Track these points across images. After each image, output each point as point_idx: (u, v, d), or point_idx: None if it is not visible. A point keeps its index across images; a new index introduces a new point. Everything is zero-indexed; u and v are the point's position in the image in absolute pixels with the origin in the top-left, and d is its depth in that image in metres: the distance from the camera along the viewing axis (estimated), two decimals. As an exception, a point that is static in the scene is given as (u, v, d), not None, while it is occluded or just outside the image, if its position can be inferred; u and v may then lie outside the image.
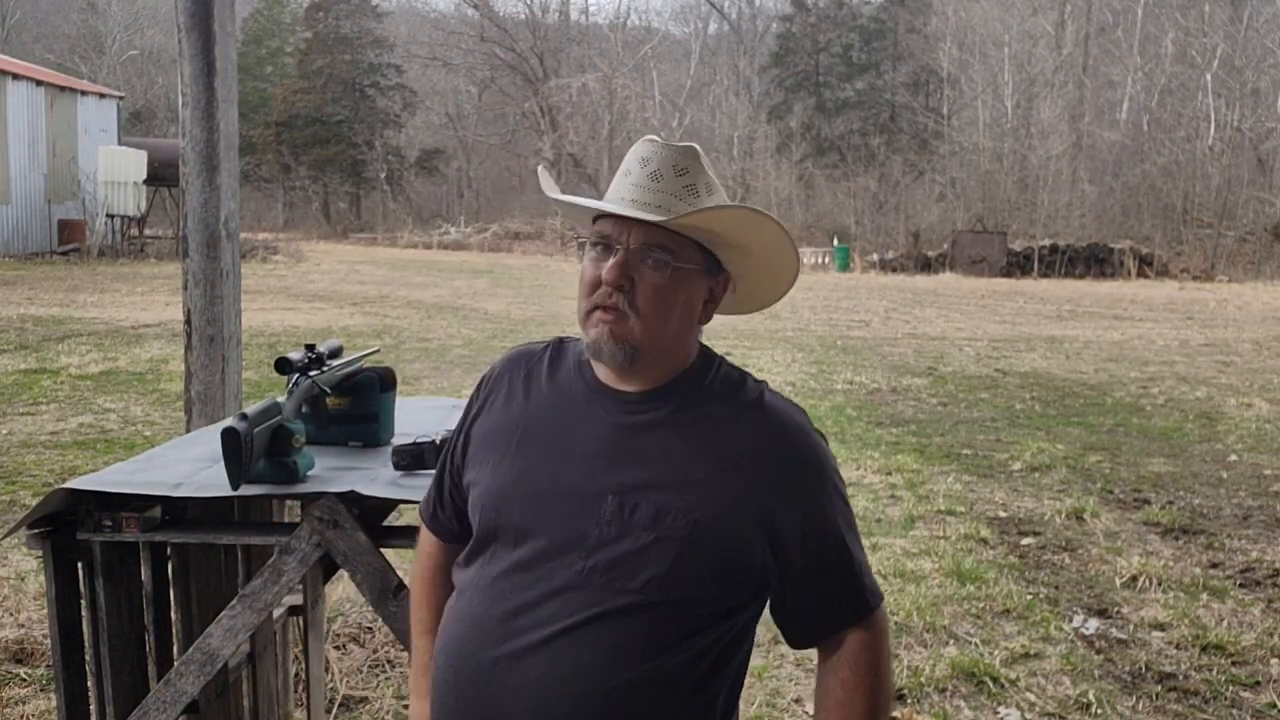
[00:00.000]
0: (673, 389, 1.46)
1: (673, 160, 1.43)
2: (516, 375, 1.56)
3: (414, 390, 8.35)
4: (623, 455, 1.42)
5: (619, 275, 1.39)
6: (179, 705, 1.93)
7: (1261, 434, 7.86)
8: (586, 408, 1.47)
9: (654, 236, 1.39)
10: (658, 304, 1.40)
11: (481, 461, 1.52)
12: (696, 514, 1.37)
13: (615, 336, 1.40)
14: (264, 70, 48.51)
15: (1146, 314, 18.29)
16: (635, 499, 1.39)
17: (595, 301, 1.41)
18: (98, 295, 15.66)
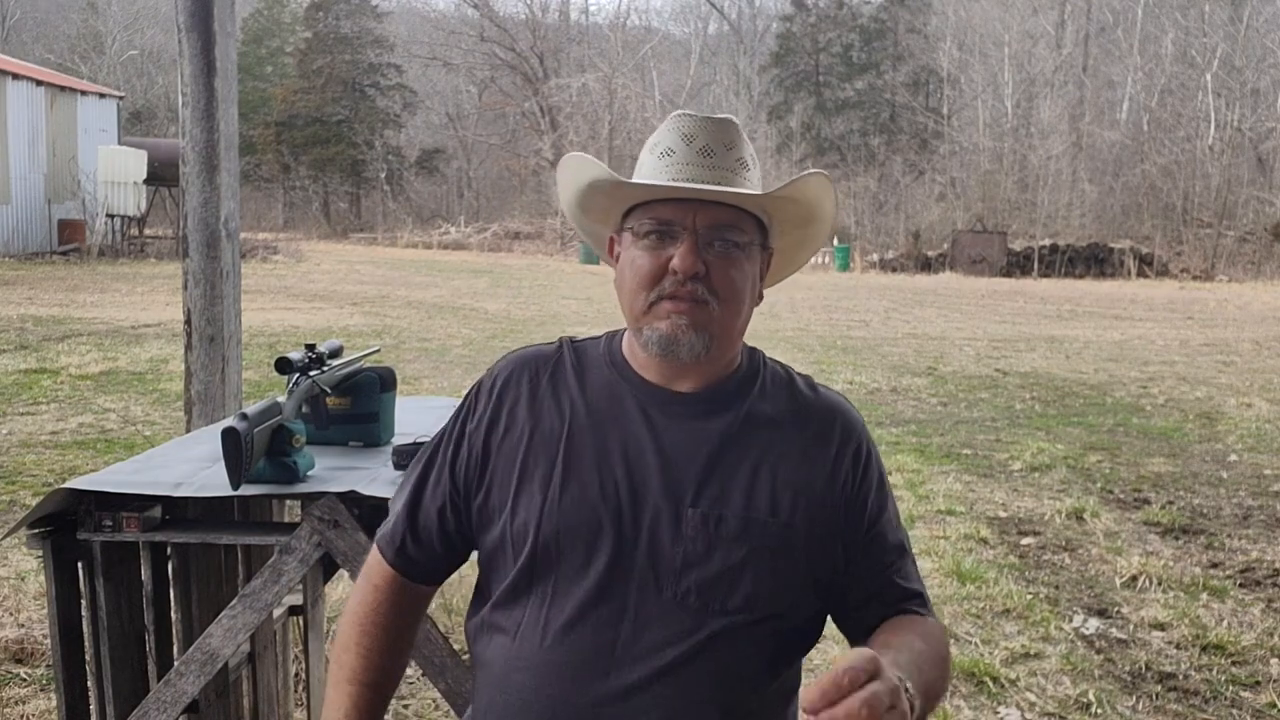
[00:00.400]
0: (730, 387, 1.36)
1: (721, 135, 1.33)
2: (538, 381, 1.39)
3: (414, 390, 8.36)
4: (695, 461, 1.30)
5: (695, 260, 1.27)
6: (179, 705, 1.93)
7: (1261, 434, 7.86)
8: (640, 412, 1.34)
9: (721, 217, 1.30)
10: (736, 285, 1.31)
11: (515, 484, 1.34)
12: (784, 518, 1.29)
13: (696, 326, 1.28)
14: (264, 70, 48.50)
15: (1146, 314, 18.30)
16: (719, 509, 1.28)
17: (663, 291, 1.29)
18: (98, 295, 15.66)
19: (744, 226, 1.32)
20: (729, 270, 1.30)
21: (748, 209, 1.32)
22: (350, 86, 46.32)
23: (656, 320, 1.29)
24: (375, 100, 47.24)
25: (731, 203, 1.30)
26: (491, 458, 1.36)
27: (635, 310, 1.32)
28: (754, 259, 1.34)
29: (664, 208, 1.30)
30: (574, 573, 1.29)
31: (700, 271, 1.28)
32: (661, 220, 1.30)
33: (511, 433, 1.36)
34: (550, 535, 1.29)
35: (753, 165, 1.36)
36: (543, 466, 1.32)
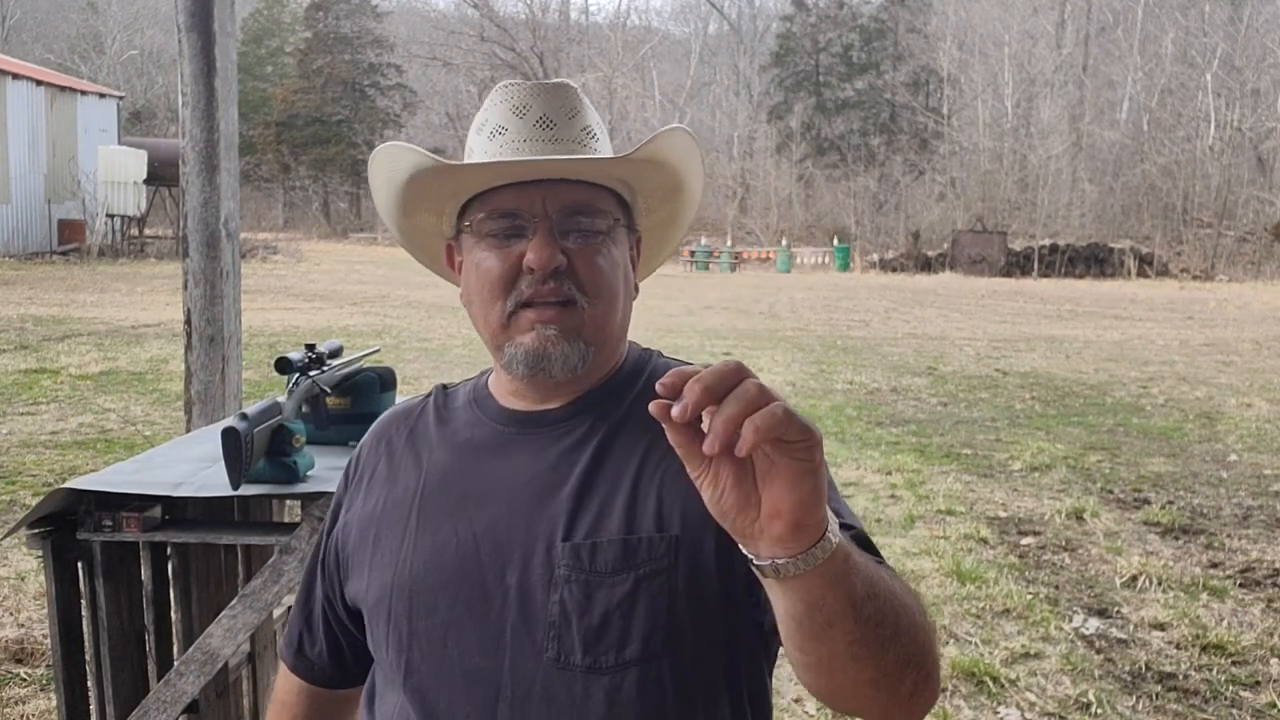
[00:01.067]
0: (605, 393, 1.14)
1: (559, 102, 1.13)
2: (396, 440, 1.21)
3: (414, 390, 8.32)
4: (560, 489, 1.08)
5: (553, 251, 1.06)
6: (179, 705, 1.93)
7: (1261, 434, 7.86)
8: (501, 446, 1.13)
9: (576, 196, 1.09)
10: (606, 275, 1.10)
11: (369, 558, 1.14)
12: (670, 530, 1.04)
13: (567, 334, 1.07)
14: (264, 70, 48.52)
15: (1146, 314, 18.30)
16: (592, 538, 1.04)
17: (521, 297, 1.07)
18: (98, 295, 15.66)
19: (604, 205, 1.12)
20: (594, 259, 1.09)
21: (604, 184, 1.12)
22: (350, 86, 46.34)
23: (518, 334, 1.08)
24: (375, 100, 47.26)
25: (584, 177, 1.10)
26: (351, 537, 1.18)
27: (491, 326, 1.10)
28: (621, 242, 1.14)
29: (505, 195, 1.09)
30: (435, 653, 1.06)
31: (561, 264, 1.06)
32: (504, 210, 1.09)
33: (368, 503, 1.18)
34: (403, 610, 1.09)
35: (600, 133, 1.16)
36: (394, 534, 1.13)
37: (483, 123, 1.14)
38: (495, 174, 1.09)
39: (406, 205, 1.18)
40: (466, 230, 1.13)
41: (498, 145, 1.12)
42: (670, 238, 1.29)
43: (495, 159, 1.10)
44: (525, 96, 1.13)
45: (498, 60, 48.26)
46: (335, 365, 2.19)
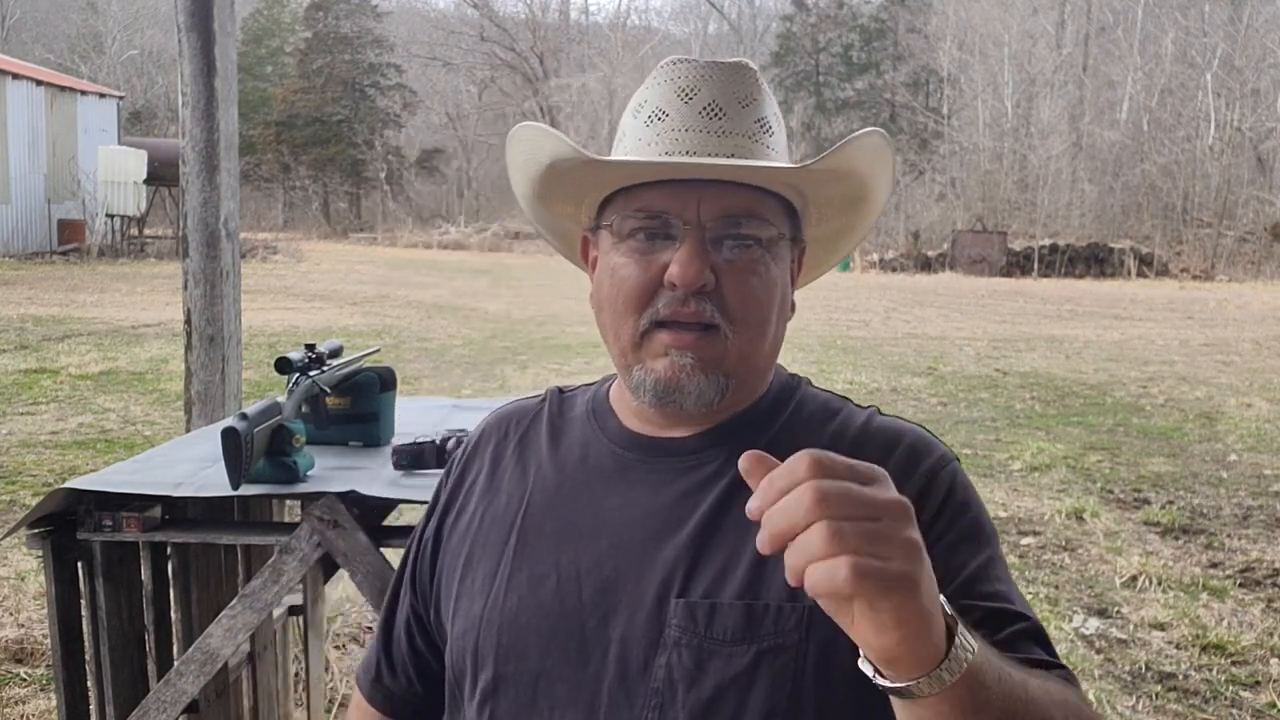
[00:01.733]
0: (741, 424, 0.99)
1: (733, 87, 0.96)
2: (504, 446, 1.09)
3: (414, 390, 8.35)
4: (678, 533, 0.93)
5: (700, 267, 0.91)
6: (179, 705, 1.93)
7: (1261, 434, 7.86)
8: (617, 473, 0.99)
9: (736, 202, 0.94)
10: (758, 300, 0.94)
11: (459, 581, 1.03)
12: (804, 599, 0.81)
13: (705, 364, 0.93)
14: (264, 70, 48.51)
15: (1146, 314, 18.29)
16: (711, 598, 0.90)
17: (657, 315, 0.93)
18: (98, 295, 15.66)
19: (768, 214, 0.96)
20: (748, 279, 0.94)
21: (773, 189, 0.97)
22: (350, 86, 46.33)
23: (650, 358, 0.94)
24: (375, 100, 47.26)
25: (751, 182, 0.95)
26: (440, 552, 1.07)
27: (621, 342, 0.96)
28: (782, 257, 0.98)
29: (655, 193, 0.94)
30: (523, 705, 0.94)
31: (708, 284, 0.92)
32: (651, 212, 0.94)
33: (463, 517, 1.06)
34: (489, 650, 0.96)
35: (777, 127, 1.00)
36: (490, 558, 1.01)
37: (641, 103, 0.99)
38: (644, 171, 0.95)
39: (544, 192, 1.05)
40: (606, 227, 0.99)
41: (654, 132, 0.96)
42: (839, 249, 1.12)
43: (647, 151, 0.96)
44: (693, 77, 0.96)
45: (498, 60, 48.29)
46: (335, 365, 2.19)
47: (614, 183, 0.98)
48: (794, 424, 1.00)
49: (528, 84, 47.39)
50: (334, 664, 3.48)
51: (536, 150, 1.01)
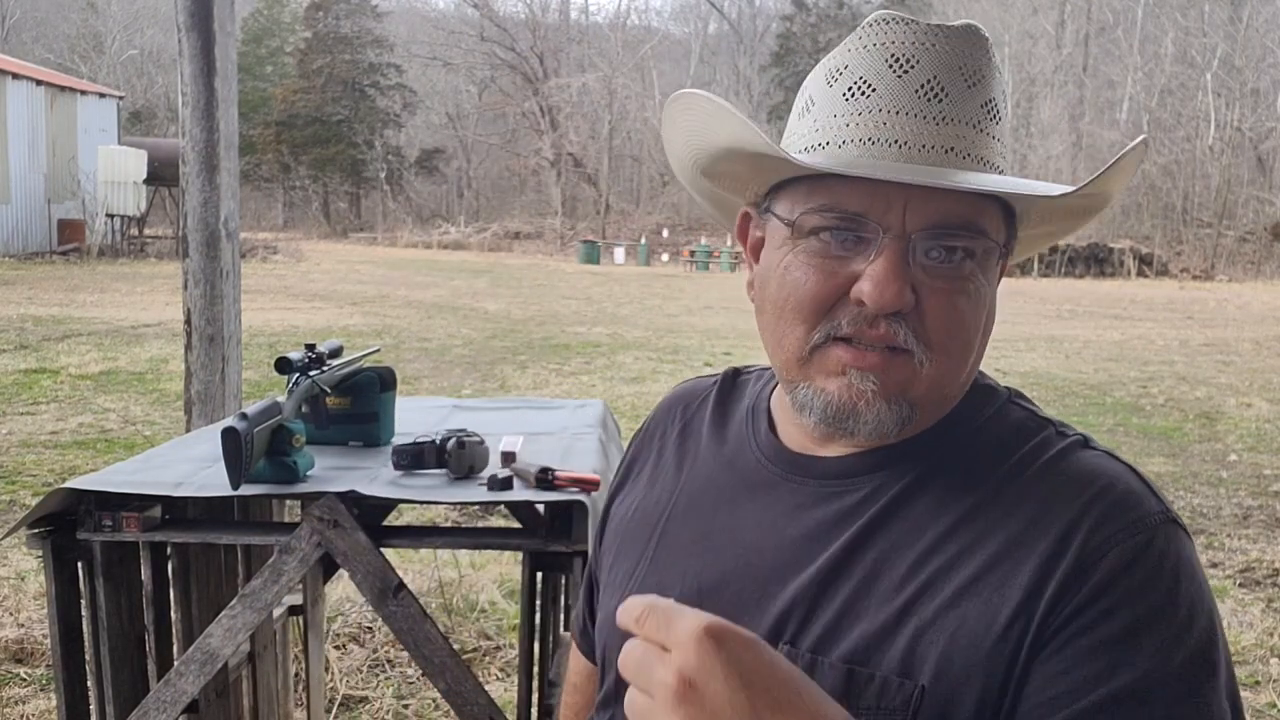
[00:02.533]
0: (910, 448, 0.84)
1: (959, 59, 0.79)
2: (670, 430, 1.01)
3: (414, 390, 8.35)
4: (806, 567, 0.82)
5: (901, 289, 0.76)
6: (179, 705, 1.93)
7: (1261, 434, 7.86)
8: (761, 487, 0.89)
9: (950, 210, 0.77)
10: (964, 326, 0.79)
11: (608, 571, 0.99)
12: (917, 677, 0.75)
13: (888, 391, 0.79)
14: (264, 70, 48.52)
15: (1146, 314, 18.30)
16: (817, 653, 0.79)
17: (837, 330, 0.79)
18: (98, 295, 15.66)
19: (986, 224, 0.79)
20: (955, 300, 0.78)
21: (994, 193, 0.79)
22: (350, 86, 46.33)
23: (822, 376, 0.80)
24: (375, 100, 47.26)
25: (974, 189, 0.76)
26: (610, 528, 1.02)
27: (786, 352, 0.82)
28: (992, 271, 0.82)
29: (850, 189, 0.77)
30: None
31: (906, 305, 0.77)
32: (845, 213, 0.78)
33: (625, 504, 1.01)
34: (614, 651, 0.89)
35: (1004, 111, 0.84)
36: (632, 554, 0.95)
37: (840, 68, 0.81)
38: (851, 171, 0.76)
39: (710, 169, 0.90)
40: (781, 218, 0.83)
41: (854, 109, 0.79)
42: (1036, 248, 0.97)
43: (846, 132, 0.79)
44: (911, 44, 0.78)
45: (498, 60, 48.29)
46: (335, 365, 2.19)
47: (801, 170, 0.80)
48: (971, 448, 0.83)
49: (528, 84, 47.39)
50: (334, 664, 3.48)
51: (710, 130, 0.84)
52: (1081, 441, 0.83)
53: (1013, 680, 0.73)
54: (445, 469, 2.00)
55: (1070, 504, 0.76)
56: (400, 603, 1.89)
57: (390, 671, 3.51)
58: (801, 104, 0.85)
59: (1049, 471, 0.79)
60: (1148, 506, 0.77)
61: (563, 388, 9.05)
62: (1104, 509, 0.75)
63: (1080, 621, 0.71)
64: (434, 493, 1.95)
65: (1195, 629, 0.72)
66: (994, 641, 0.73)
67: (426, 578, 4.17)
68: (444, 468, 2.00)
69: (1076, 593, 0.72)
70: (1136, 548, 0.73)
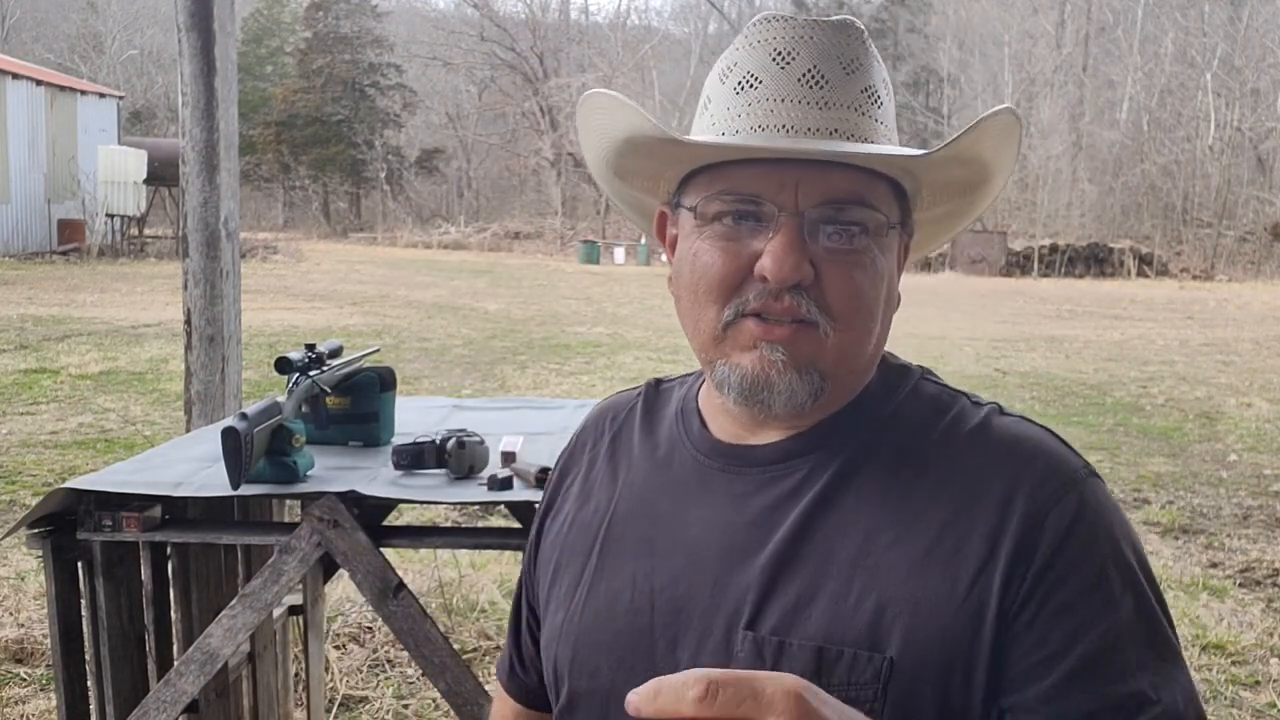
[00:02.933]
0: (837, 428, 0.88)
1: (838, 49, 0.84)
2: (600, 444, 1.03)
3: (414, 390, 8.35)
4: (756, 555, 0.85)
5: (798, 260, 0.81)
6: (179, 705, 1.93)
7: (1261, 434, 7.86)
8: (699, 483, 0.92)
9: (840, 185, 0.82)
10: (863, 295, 0.84)
11: (549, 587, 0.99)
12: (884, 650, 0.78)
13: (796, 362, 0.83)
14: (264, 70, 48.51)
15: (1146, 314, 18.30)
16: (781, 635, 0.81)
17: (745, 306, 0.83)
18: (98, 295, 15.66)
19: (876, 199, 0.84)
20: (851, 274, 0.83)
21: (883, 170, 0.85)
22: (350, 86, 46.31)
23: (736, 351, 0.85)
24: (375, 100, 47.24)
25: (862, 163, 0.83)
26: (544, 550, 1.03)
27: (702, 335, 0.87)
28: (889, 247, 0.87)
29: (745, 172, 0.83)
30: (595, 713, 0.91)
31: (806, 278, 0.82)
32: (741, 194, 0.83)
33: (558, 520, 1.02)
34: (565, 666, 0.93)
35: (886, 97, 0.88)
36: (575, 567, 0.96)
37: (730, 66, 0.87)
38: (735, 152, 0.84)
39: (619, 166, 0.95)
40: (687, 207, 0.88)
41: (745, 101, 0.84)
42: (942, 235, 1.00)
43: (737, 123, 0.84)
44: (791, 38, 0.84)
45: (498, 60, 48.28)
46: (335, 365, 2.19)
47: (699, 159, 0.87)
48: (895, 424, 0.88)
49: (528, 84, 47.38)
50: (334, 664, 3.48)
51: (610, 122, 0.90)
52: (997, 409, 0.89)
53: (982, 649, 0.78)
54: (445, 469, 2.00)
55: (1003, 472, 0.82)
56: (400, 603, 1.89)
57: (390, 671, 3.51)
58: (701, 103, 0.91)
59: (975, 442, 0.85)
60: (1071, 464, 0.84)
61: (563, 388, 9.05)
62: (1035, 474, 0.82)
63: (1042, 589, 0.78)
64: (434, 493, 1.95)
65: (1137, 569, 0.81)
66: (955, 610, 0.78)
67: (426, 578, 4.17)
68: (444, 468, 2.00)
69: (1030, 561, 0.78)
70: (1071, 506, 0.80)
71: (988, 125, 0.83)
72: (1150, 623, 0.79)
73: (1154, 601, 0.81)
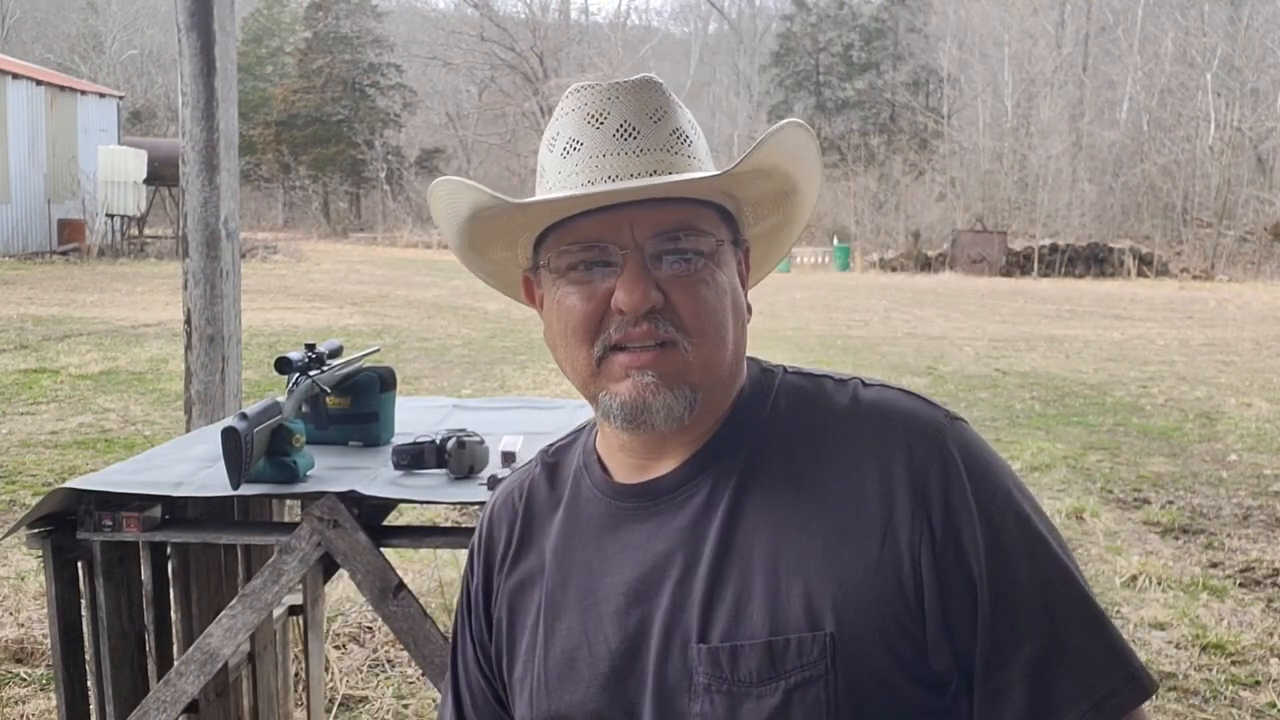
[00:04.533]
0: (726, 440, 0.97)
1: (641, 104, 0.95)
2: (515, 520, 1.08)
3: (414, 390, 8.35)
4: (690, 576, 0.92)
5: (645, 289, 0.90)
6: (179, 705, 1.93)
7: (1261, 434, 7.85)
8: (619, 527, 0.98)
9: (668, 218, 0.92)
10: (711, 310, 0.93)
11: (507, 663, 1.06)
12: (823, 627, 0.87)
13: (668, 379, 0.91)
14: (264, 70, 48.49)
15: (1146, 314, 18.29)
16: (731, 640, 0.89)
17: (607, 340, 0.92)
18: (98, 295, 15.65)
19: (704, 224, 0.94)
20: (696, 291, 0.92)
21: (704, 198, 0.95)
22: (350, 86, 46.31)
23: (611, 382, 0.93)
24: (375, 100, 47.23)
25: (679, 194, 0.93)
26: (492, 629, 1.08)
27: (580, 374, 0.95)
28: (727, 263, 0.96)
29: (586, 223, 0.93)
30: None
31: (656, 304, 0.91)
32: (586, 243, 0.93)
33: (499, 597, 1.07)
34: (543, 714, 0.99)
35: (694, 136, 0.98)
36: (527, 635, 1.02)
37: (554, 136, 0.97)
38: (568, 205, 0.93)
39: (475, 242, 1.03)
40: (544, 267, 0.97)
41: (572, 164, 0.94)
42: (782, 243, 1.11)
43: (568, 183, 0.94)
44: (600, 101, 0.95)
45: (498, 60, 48.26)
46: (335, 365, 2.19)
47: (543, 221, 0.97)
48: (775, 422, 0.97)
49: (528, 84, 47.36)
50: (334, 664, 3.48)
51: (455, 203, 0.99)
52: (860, 383, 0.99)
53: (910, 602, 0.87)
54: (445, 469, 2.00)
55: (878, 441, 0.92)
56: (400, 603, 1.89)
57: (390, 671, 3.51)
58: (538, 174, 1.01)
59: (847, 418, 0.95)
60: (931, 416, 0.94)
61: (563, 387, 9.05)
62: (905, 437, 0.92)
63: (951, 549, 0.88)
64: (434, 493, 1.95)
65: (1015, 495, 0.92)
66: (873, 576, 0.88)
67: (426, 578, 4.17)
68: (444, 468, 2.00)
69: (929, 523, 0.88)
70: (945, 457, 0.91)
71: (774, 139, 0.93)
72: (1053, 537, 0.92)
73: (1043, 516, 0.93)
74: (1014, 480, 0.93)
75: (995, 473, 0.92)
